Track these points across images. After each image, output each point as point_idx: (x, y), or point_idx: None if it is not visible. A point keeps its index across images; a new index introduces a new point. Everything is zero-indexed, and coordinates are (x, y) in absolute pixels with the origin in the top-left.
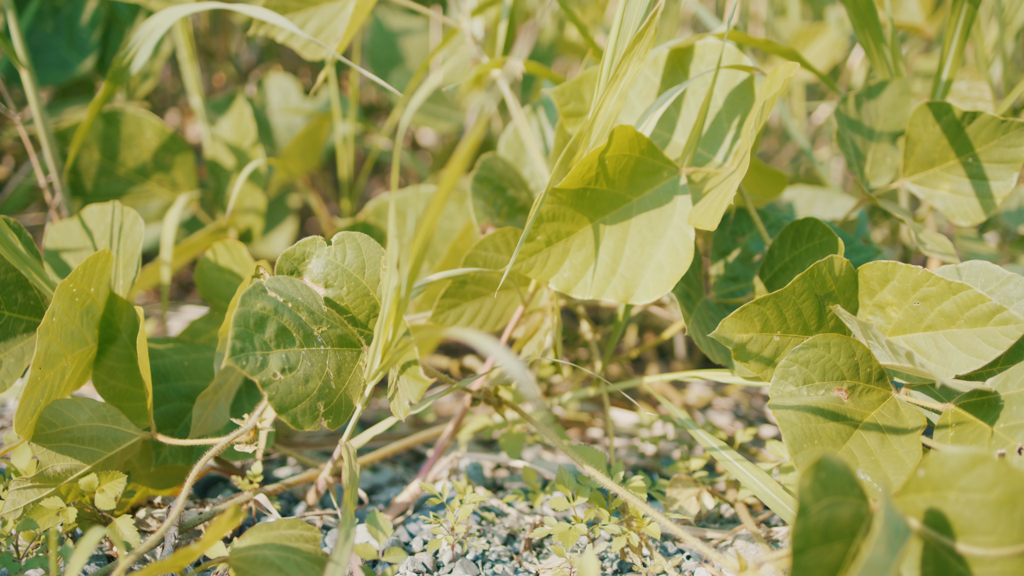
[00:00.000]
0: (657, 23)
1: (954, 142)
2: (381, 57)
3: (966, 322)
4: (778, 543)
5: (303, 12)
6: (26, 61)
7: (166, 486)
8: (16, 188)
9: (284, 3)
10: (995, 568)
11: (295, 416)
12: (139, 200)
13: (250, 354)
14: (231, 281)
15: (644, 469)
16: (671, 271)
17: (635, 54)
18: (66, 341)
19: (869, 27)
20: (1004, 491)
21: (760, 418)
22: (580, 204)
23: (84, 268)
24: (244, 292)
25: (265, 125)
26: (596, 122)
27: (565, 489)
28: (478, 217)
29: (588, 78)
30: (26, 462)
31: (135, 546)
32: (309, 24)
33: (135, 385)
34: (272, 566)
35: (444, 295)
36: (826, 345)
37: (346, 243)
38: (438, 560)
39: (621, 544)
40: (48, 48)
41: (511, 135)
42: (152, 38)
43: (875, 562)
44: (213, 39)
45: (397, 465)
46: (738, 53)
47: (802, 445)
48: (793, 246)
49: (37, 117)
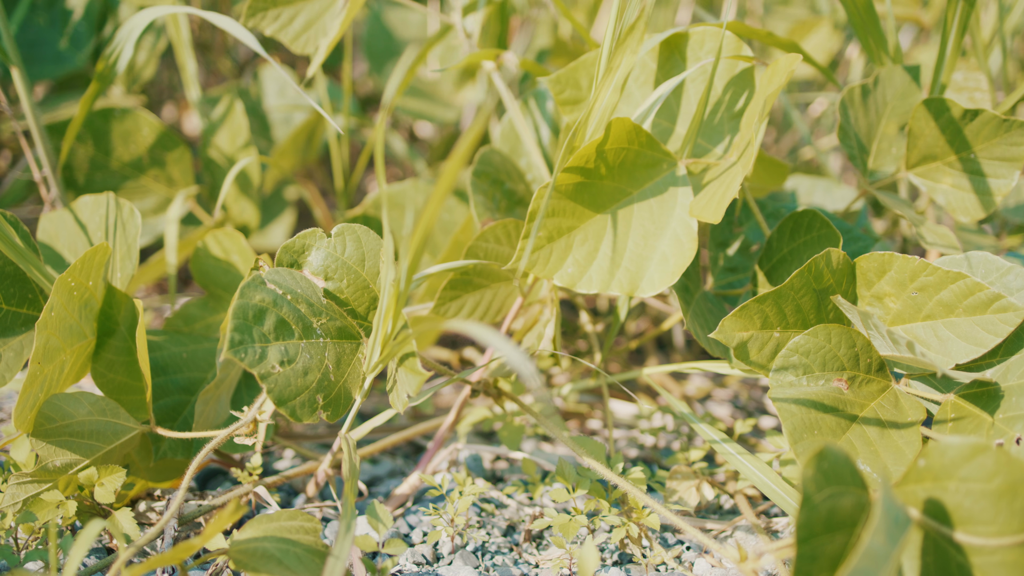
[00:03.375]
0: (648, 15)
1: (955, 138)
2: (378, 49)
3: (965, 310)
4: (778, 533)
5: (292, 6)
6: (15, 58)
7: (165, 479)
8: (13, 182)
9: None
10: (995, 558)
11: (294, 408)
12: (134, 195)
13: (249, 346)
14: (228, 269)
15: (643, 460)
16: (676, 262)
17: (627, 47)
18: (65, 335)
19: (866, 18)
20: (1004, 481)
21: (759, 409)
22: (580, 198)
23: (82, 262)
24: (243, 284)
25: (261, 118)
26: (592, 115)
27: (565, 480)
28: (479, 213)
29: (584, 64)
30: (25, 455)
31: (135, 539)
32: (298, 18)
33: (134, 378)
34: (272, 558)
35: (445, 287)
36: (826, 335)
37: (346, 235)
38: (438, 551)
39: (621, 535)
40: (43, 42)
41: (507, 126)
42: (131, 38)
43: (874, 551)
44: (209, 32)
45: (396, 457)
46: (738, 42)
47: (802, 435)
48: (792, 238)
49: (28, 112)
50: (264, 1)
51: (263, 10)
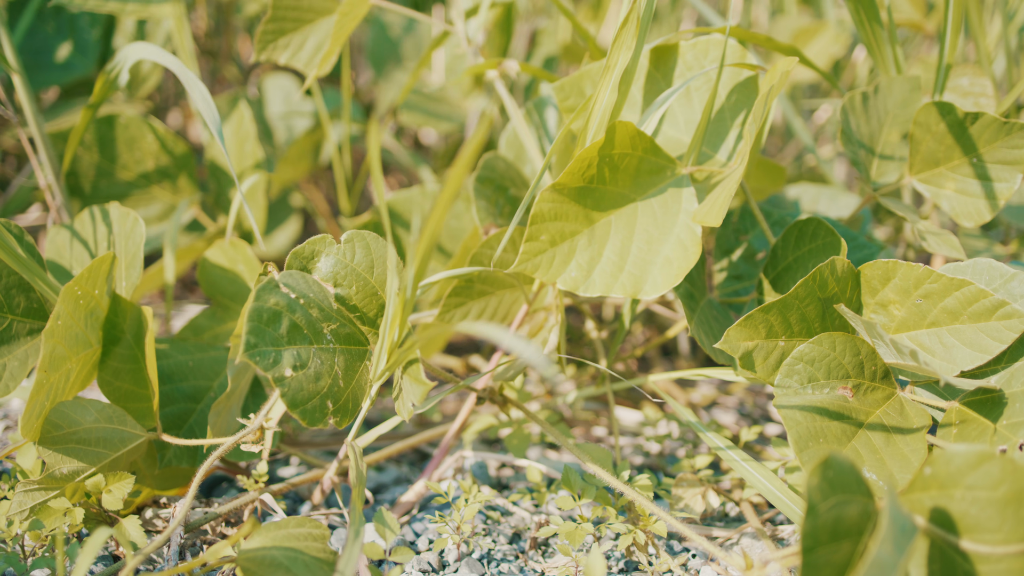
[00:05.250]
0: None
1: (957, 142)
2: (382, 56)
3: (969, 317)
4: (784, 541)
5: (301, 31)
6: (17, 66)
7: (172, 486)
8: (18, 189)
9: (281, 26)
10: (1001, 566)
11: (305, 412)
12: (140, 203)
13: (263, 350)
14: (234, 278)
15: (649, 468)
16: (679, 265)
17: (623, 43)
18: (71, 343)
19: (871, 25)
20: (1010, 489)
21: (765, 416)
22: (584, 202)
23: (88, 271)
24: (258, 287)
25: (266, 126)
26: (593, 116)
27: (571, 488)
28: (481, 218)
29: (589, 73)
30: (31, 462)
31: (142, 546)
32: (308, 43)
33: (140, 386)
34: (280, 566)
35: (450, 294)
36: (831, 343)
37: (355, 242)
38: (444, 559)
39: (627, 543)
40: (50, 49)
41: (511, 133)
42: (128, 63)
43: (882, 560)
44: (215, 39)
45: (402, 464)
46: (742, 50)
47: (807, 443)
48: (796, 246)
49: (32, 120)
50: (272, 33)
51: (272, 40)
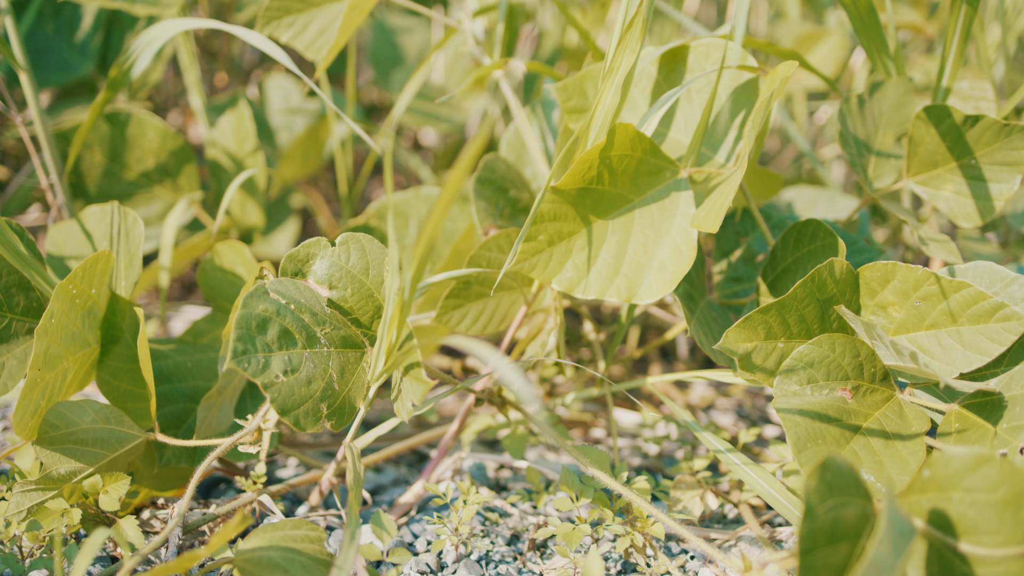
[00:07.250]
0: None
1: (956, 145)
2: (383, 57)
3: (968, 320)
4: (782, 543)
5: (306, 13)
6: (25, 64)
7: (170, 487)
8: (18, 189)
9: (287, 4)
10: (999, 568)
11: (297, 418)
12: (141, 202)
13: (252, 356)
14: (233, 281)
15: (647, 469)
16: (674, 270)
17: (627, 46)
18: (67, 342)
19: (870, 28)
20: (1009, 491)
21: (763, 418)
22: (583, 203)
23: (83, 269)
24: (246, 294)
25: (266, 126)
26: (595, 118)
27: (569, 489)
28: (481, 219)
29: (591, 75)
30: (29, 463)
31: (139, 547)
32: (312, 25)
33: (139, 386)
34: (277, 567)
35: (448, 296)
36: (831, 345)
37: (350, 244)
38: (442, 560)
39: (625, 544)
40: (50, 50)
41: (512, 135)
42: (151, 49)
43: (879, 562)
44: (215, 39)
45: (400, 465)
46: (743, 52)
47: (806, 445)
48: (796, 247)
49: (36, 119)
50: (278, 10)
51: (277, 18)
